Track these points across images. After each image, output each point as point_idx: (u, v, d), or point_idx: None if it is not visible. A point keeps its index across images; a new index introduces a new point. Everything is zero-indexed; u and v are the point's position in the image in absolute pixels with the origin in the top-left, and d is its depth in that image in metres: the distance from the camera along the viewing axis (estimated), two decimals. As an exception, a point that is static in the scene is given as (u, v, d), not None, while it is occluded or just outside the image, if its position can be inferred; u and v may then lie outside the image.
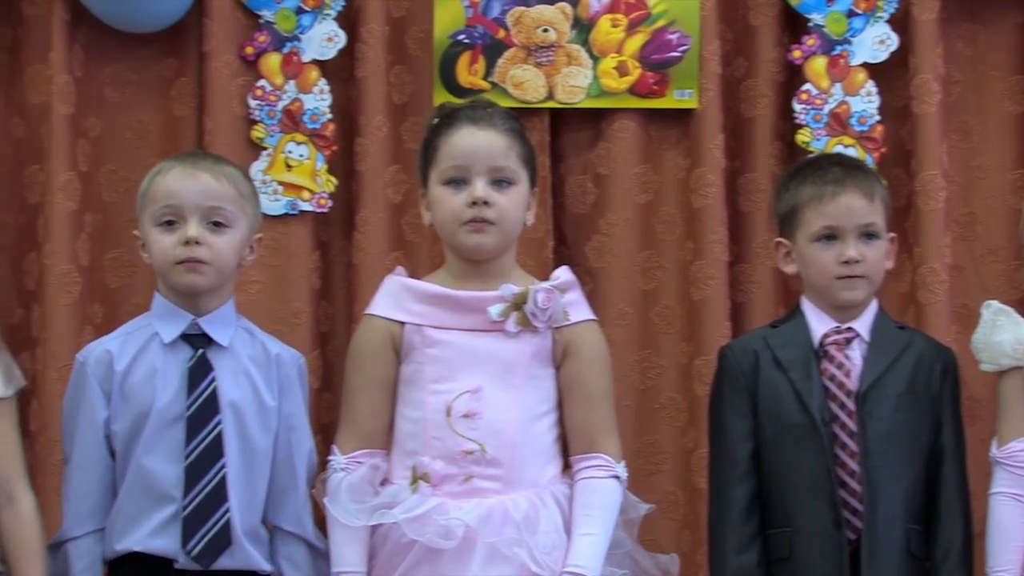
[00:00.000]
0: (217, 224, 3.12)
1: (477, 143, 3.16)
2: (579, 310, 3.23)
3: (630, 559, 3.22)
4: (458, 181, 3.15)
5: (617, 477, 3.16)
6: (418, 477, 3.10)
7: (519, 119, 3.31)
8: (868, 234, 3.29)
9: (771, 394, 3.29)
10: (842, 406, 3.23)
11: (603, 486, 3.15)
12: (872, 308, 3.34)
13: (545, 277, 3.32)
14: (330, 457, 3.18)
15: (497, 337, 3.15)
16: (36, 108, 3.89)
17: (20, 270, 3.92)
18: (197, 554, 3.06)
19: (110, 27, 3.85)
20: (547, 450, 3.18)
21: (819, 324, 3.32)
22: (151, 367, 3.13)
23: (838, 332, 3.30)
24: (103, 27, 3.85)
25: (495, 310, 3.14)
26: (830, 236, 3.28)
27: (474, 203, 3.12)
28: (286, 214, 3.91)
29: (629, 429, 3.81)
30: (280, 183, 3.91)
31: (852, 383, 3.24)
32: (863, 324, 3.31)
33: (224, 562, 3.09)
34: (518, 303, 3.15)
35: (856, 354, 3.28)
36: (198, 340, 3.15)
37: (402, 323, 3.18)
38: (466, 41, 3.93)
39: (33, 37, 3.89)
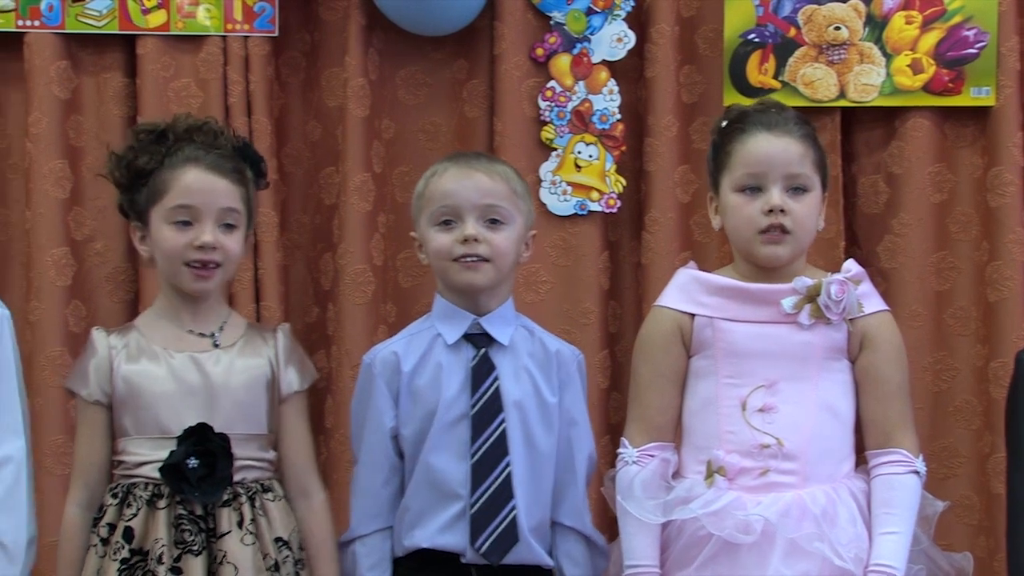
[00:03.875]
0: (493, 221, 3.13)
1: (773, 150, 3.10)
2: (873, 301, 3.17)
3: (925, 556, 3.14)
4: (753, 188, 3.11)
5: (916, 472, 3.09)
6: (714, 471, 3.06)
7: (811, 122, 3.25)
8: None
9: (1072, 398, 3.19)
10: None
11: (903, 482, 3.08)
12: None
13: (835, 276, 3.28)
14: (620, 450, 3.17)
15: (791, 329, 3.11)
16: (332, 111, 3.97)
17: (316, 270, 4.00)
18: (486, 551, 3.07)
19: (404, 31, 3.91)
20: (842, 444, 3.12)
21: None
22: (436, 367, 3.15)
23: None
24: (397, 31, 3.91)
25: (788, 302, 3.10)
26: None
27: (770, 211, 3.08)
28: (575, 214, 3.93)
29: (923, 432, 3.72)
30: (569, 183, 3.93)
31: None
32: None
33: (509, 558, 3.10)
34: (812, 295, 3.09)
35: None
36: (480, 339, 3.16)
37: (692, 315, 3.15)
38: (756, 40, 3.91)
39: (330, 42, 3.97)
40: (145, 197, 3.10)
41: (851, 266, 3.18)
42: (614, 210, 3.95)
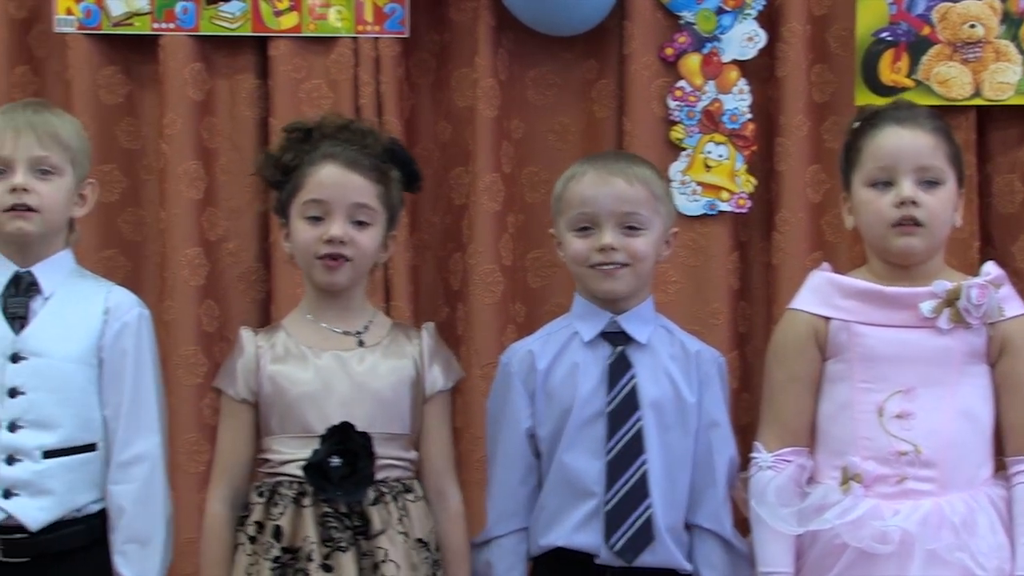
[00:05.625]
0: (632, 228, 3.13)
1: (903, 143, 3.08)
2: (1013, 305, 3.12)
3: None
4: (884, 183, 3.08)
5: None
6: (849, 477, 3.04)
7: (944, 118, 3.22)
8: None
9: None
10: None
11: None
12: None
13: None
14: (754, 455, 3.14)
15: (929, 334, 3.07)
16: (462, 111, 3.98)
17: (446, 270, 4.01)
18: (620, 549, 3.06)
19: (534, 31, 3.91)
20: (981, 450, 3.08)
21: None
22: (572, 364, 3.15)
23: None
24: (527, 31, 3.92)
25: (927, 306, 3.06)
26: None
27: (901, 203, 3.05)
28: (705, 214, 3.92)
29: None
30: (699, 183, 3.92)
31: None
32: None
33: (645, 559, 3.08)
34: (951, 299, 3.06)
35: None
36: (617, 338, 3.16)
37: (827, 319, 3.12)
38: (889, 38, 3.87)
39: (460, 42, 3.98)
40: (287, 193, 3.15)
41: (991, 269, 3.14)
42: (744, 210, 3.93)
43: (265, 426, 3.12)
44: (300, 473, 3.03)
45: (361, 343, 3.14)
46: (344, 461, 3.01)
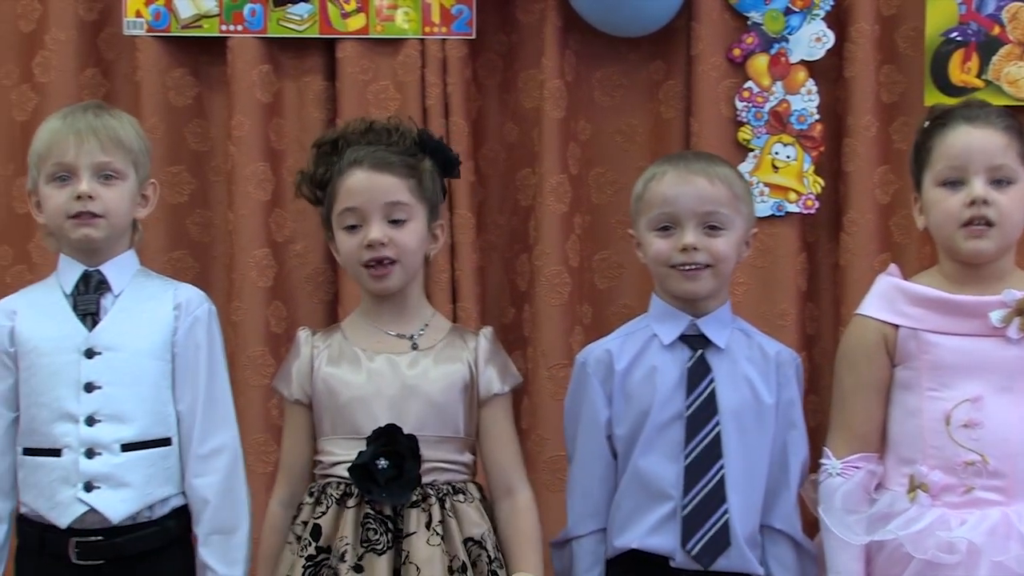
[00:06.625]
0: (713, 228, 3.12)
1: (973, 142, 3.05)
2: None
3: None
4: (955, 182, 3.05)
5: None
6: (916, 486, 3.02)
7: (1016, 116, 3.18)
8: None
9: None
10: None
11: None
12: None
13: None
14: (823, 460, 3.13)
15: (997, 343, 3.04)
16: (528, 113, 3.97)
17: (512, 271, 4.01)
18: (697, 553, 3.06)
19: (601, 32, 3.90)
20: None
21: None
22: (650, 367, 3.14)
23: None
24: (594, 32, 3.91)
25: (996, 315, 3.03)
26: None
27: (972, 203, 3.03)
28: (772, 215, 3.90)
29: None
30: (767, 184, 3.90)
31: None
32: None
33: (721, 563, 3.08)
34: (1021, 308, 3.03)
35: None
36: (696, 341, 3.15)
37: (896, 326, 3.10)
38: (959, 38, 3.85)
39: (527, 43, 3.97)
40: (326, 207, 3.18)
41: None
42: (812, 211, 3.91)
43: (319, 427, 3.15)
44: (347, 474, 3.04)
45: (415, 347, 3.15)
46: (391, 463, 3.01)
